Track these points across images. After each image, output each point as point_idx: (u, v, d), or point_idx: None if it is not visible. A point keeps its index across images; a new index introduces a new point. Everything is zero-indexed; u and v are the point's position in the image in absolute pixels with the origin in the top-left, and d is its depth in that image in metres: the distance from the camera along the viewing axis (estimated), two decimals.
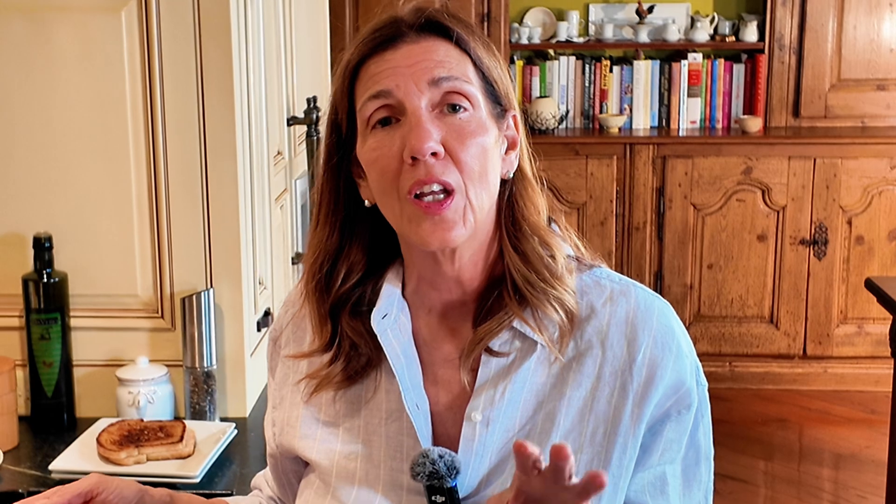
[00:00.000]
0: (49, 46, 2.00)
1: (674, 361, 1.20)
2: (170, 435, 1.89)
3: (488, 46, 1.22)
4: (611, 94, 4.86)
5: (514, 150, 1.23)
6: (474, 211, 1.16)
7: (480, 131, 1.16)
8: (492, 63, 1.21)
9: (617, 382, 1.18)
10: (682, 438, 1.21)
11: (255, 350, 2.17)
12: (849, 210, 4.63)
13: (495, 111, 1.20)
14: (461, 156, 1.15)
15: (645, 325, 1.20)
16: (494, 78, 1.21)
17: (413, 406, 1.20)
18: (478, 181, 1.16)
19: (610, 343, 1.19)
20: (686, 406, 1.21)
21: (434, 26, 1.19)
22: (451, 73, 1.16)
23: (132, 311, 2.07)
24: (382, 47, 1.17)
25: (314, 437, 1.26)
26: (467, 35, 1.19)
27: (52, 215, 2.03)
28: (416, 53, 1.17)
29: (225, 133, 2.01)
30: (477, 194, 1.16)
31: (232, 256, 2.05)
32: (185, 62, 1.99)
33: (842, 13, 4.68)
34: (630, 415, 1.18)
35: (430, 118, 1.15)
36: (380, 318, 1.22)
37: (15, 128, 2.02)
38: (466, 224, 1.16)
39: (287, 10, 2.50)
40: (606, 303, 1.21)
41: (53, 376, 2.02)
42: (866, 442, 4.30)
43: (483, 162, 1.16)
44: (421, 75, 1.15)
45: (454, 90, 1.16)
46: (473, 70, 1.18)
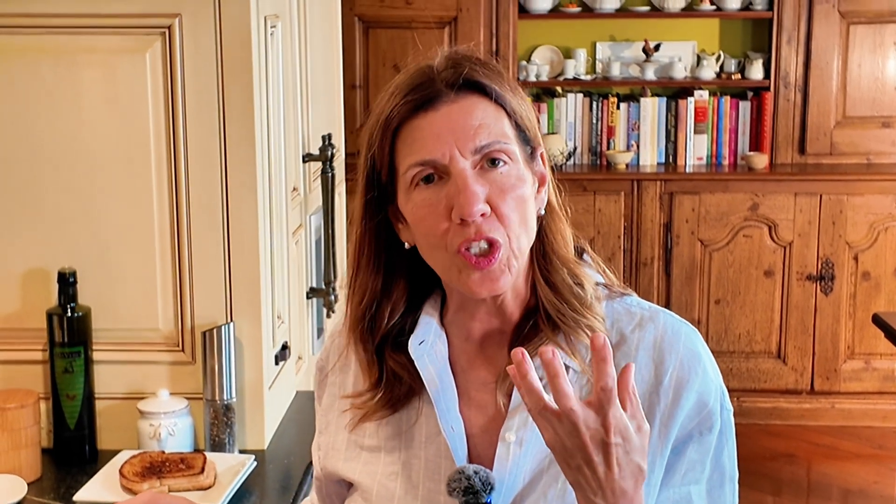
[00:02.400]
0: (76, 87, 2.05)
1: (699, 383, 1.24)
2: (191, 466, 1.92)
3: (516, 89, 1.26)
4: (618, 130, 4.91)
5: (544, 187, 1.28)
6: (517, 257, 1.22)
7: (520, 183, 1.21)
8: (522, 108, 1.25)
9: (645, 405, 1.21)
10: (706, 459, 1.24)
11: (273, 383, 2.20)
12: (855, 246, 4.67)
13: (527, 154, 1.24)
14: (504, 210, 1.20)
15: (672, 349, 1.25)
16: (525, 123, 1.25)
17: (448, 428, 1.25)
18: (520, 230, 1.21)
19: (638, 367, 1.23)
20: (708, 427, 1.24)
21: (471, 84, 1.22)
22: (492, 136, 1.20)
23: (154, 344, 2.11)
24: (422, 109, 1.21)
25: (358, 459, 1.32)
26: (501, 87, 1.23)
27: (76, 251, 2.08)
28: (456, 116, 1.20)
29: (246, 170, 2.06)
30: (519, 242, 1.22)
31: (252, 291, 2.09)
32: (207, 101, 2.03)
33: (846, 51, 4.74)
34: (658, 435, 1.22)
35: (474, 179, 1.19)
36: (417, 343, 1.28)
37: (41, 166, 2.07)
38: (512, 271, 1.22)
39: (303, 48, 2.55)
40: (636, 329, 1.26)
41: (76, 409, 2.05)
42: (874, 477, 4.31)
43: (523, 211, 1.22)
44: (464, 141, 1.19)
45: (496, 150, 1.20)
46: (508, 123, 1.23)
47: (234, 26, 2.01)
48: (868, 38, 4.73)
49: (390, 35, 4.77)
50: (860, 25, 4.73)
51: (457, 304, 1.30)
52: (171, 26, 2.02)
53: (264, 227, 2.12)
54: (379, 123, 1.23)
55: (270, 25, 2.18)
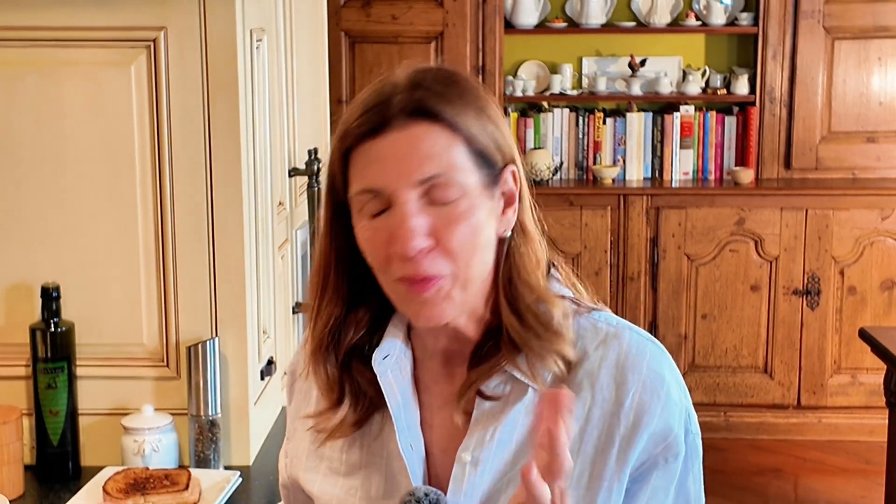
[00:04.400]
0: (60, 100, 2.04)
1: (662, 408, 1.20)
2: (175, 483, 1.91)
3: (481, 111, 1.19)
4: (604, 145, 4.92)
5: (512, 207, 1.21)
6: (463, 288, 1.18)
7: (470, 213, 1.16)
8: (485, 129, 1.18)
9: (604, 426, 1.19)
10: (670, 487, 1.21)
11: (258, 398, 2.19)
12: (841, 260, 4.68)
13: (489, 179, 1.18)
14: (450, 245, 1.15)
15: (634, 369, 1.20)
16: (489, 147, 1.18)
17: (407, 446, 1.22)
18: (468, 260, 1.17)
19: (599, 386, 1.20)
20: (674, 455, 1.21)
21: (423, 111, 1.16)
22: (438, 168, 1.15)
23: (138, 359, 2.10)
24: (373, 133, 1.16)
25: (317, 470, 1.30)
26: (459, 113, 1.17)
27: (59, 265, 2.06)
28: (403, 145, 1.15)
29: (231, 184, 2.05)
30: (466, 274, 1.17)
31: (237, 306, 2.08)
32: (192, 115, 2.02)
33: (831, 67, 4.76)
34: (616, 459, 1.18)
35: (417, 211, 1.15)
36: (381, 358, 1.25)
37: (25, 179, 2.05)
38: (454, 302, 1.17)
39: (289, 62, 2.54)
40: (599, 346, 1.22)
41: (59, 425, 2.03)
42: (862, 492, 4.31)
43: (474, 241, 1.16)
44: (408, 174, 1.15)
45: (441, 183, 1.15)
46: (464, 149, 1.16)
47: (220, 40, 2.01)
48: (853, 53, 4.75)
49: (376, 50, 4.77)
50: (845, 41, 4.75)
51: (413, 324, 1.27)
52: (156, 39, 2.01)
53: (250, 242, 2.11)
54: (336, 141, 1.20)
55: (256, 39, 2.18)
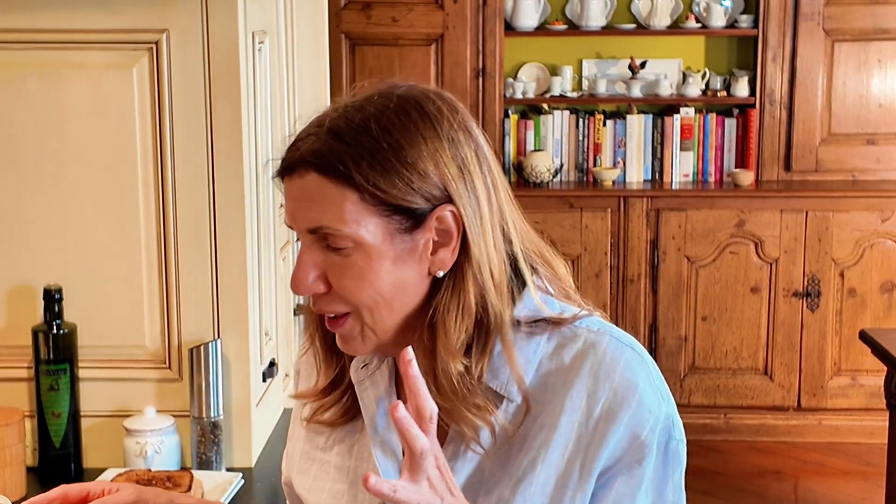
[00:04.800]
0: (62, 102, 2.04)
1: (630, 415, 1.18)
2: (178, 485, 1.91)
3: (396, 161, 1.14)
4: (604, 147, 4.92)
5: (448, 247, 1.17)
6: (374, 329, 1.18)
7: (362, 264, 1.15)
8: (398, 180, 1.14)
9: (573, 434, 1.19)
10: (636, 493, 1.20)
11: (260, 400, 2.19)
12: (841, 263, 4.68)
13: (404, 225, 1.16)
14: (343, 293, 1.16)
15: (607, 377, 1.19)
16: (401, 196, 1.15)
17: (382, 456, 1.23)
18: (372, 306, 1.17)
19: (571, 395, 1.19)
20: (638, 460, 1.19)
21: (315, 163, 1.15)
22: (324, 221, 1.15)
23: (140, 361, 2.10)
24: (283, 172, 1.18)
25: (308, 472, 1.32)
26: (360, 167, 1.14)
27: (62, 267, 2.06)
28: (297, 192, 1.16)
29: (233, 186, 2.05)
30: (373, 316, 1.17)
31: (239, 307, 2.08)
32: (194, 117, 2.03)
33: (831, 69, 4.76)
34: (580, 467, 1.18)
35: (311, 255, 1.17)
36: (359, 367, 1.27)
37: (27, 182, 2.06)
38: (367, 340, 1.19)
39: (290, 65, 2.55)
40: (577, 355, 1.21)
41: (62, 427, 2.03)
42: (862, 494, 4.31)
43: (373, 291, 1.16)
44: (300, 221, 1.17)
45: (327, 234, 1.15)
46: (360, 203, 1.14)
47: (222, 42, 2.01)
48: (852, 55, 4.76)
49: (377, 52, 4.77)
50: (845, 43, 4.75)
51: None
52: (158, 42, 2.02)
53: (252, 244, 2.11)
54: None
55: (258, 41, 2.18)
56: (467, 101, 4.74)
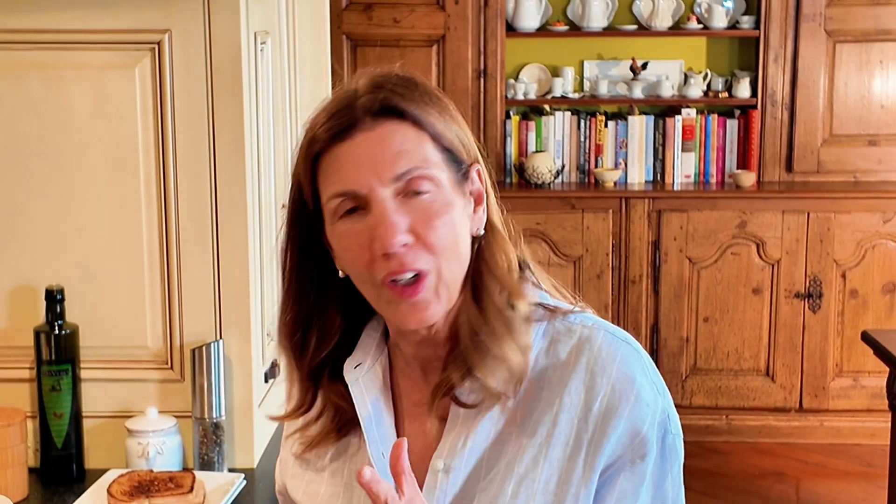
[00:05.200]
0: (64, 103, 2.03)
1: (630, 410, 1.18)
2: (180, 485, 1.90)
3: (444, 110, 1.20)
4: (606, 148, 4.92)
5: (481, 205, 1.22)
6: (448, 286, 1.18)
7: (446, 208, 1.17)
8: (450, 129, 1.20)
9: (573, 431, 1.18)
10: (639, 489, 1.20)
11: (262, 401, 2.19)
12: (843, 264, 4.68)
13: (458, 176, 1.19)
14: (430, 239, 1.15)
15: (604, 372, 1.19)
16: (455, 144, 1.20)
17: (378, 454, 1.22)
18: (450, 256, 1.17)
19: (569, 390, 1.19)
20: (641, 456, 1.19)
21: (389, 109, 1.17)
22: (411, 163, 1.15)
23: (142, 362, 2.09)
24: (341, 137, 1.16)
25: (302, 477, 1.31)
26: (423, 110, 1.18)
27: (64, 268, 2.06)
28: (374, 144, 1.16)
29: (236, 187, 2.04)
30: (449, 269, 1.17)
31: (241, 308, 2.08)
32: (197, 117, 2.02)
33: (833, 70, 4.76)
34: (583, 464, 1.18)
35: (395, 209, 1.15)
36: (352, 367, 1.25)
37: (29, 182, 2.05)
38: (441, 300, 1.18)
39: (292, 65, 2.54)
40: (572, 350, 1.21)
41: (63, 428, 2.03)
42: (864, 495, 4.31)
43: (453, 237, 1.17)
44: (383, 171, 1.15)
45: (416, 177, 1.16)
46: (432, 146, 1.17)
47: (224, 42, 2.01)
48: (854, 56, 4.76)
49: (378, 53, 4.77)
50: (846, 44, 4.75)
51: (393, 330, 1.26)
52: (160, 42, 2.01)
53: (254, 244, 2.11)
54: (302, 150, 1.20)
55: (260, 41, 2.18)
56: (469, 101, 4.74)
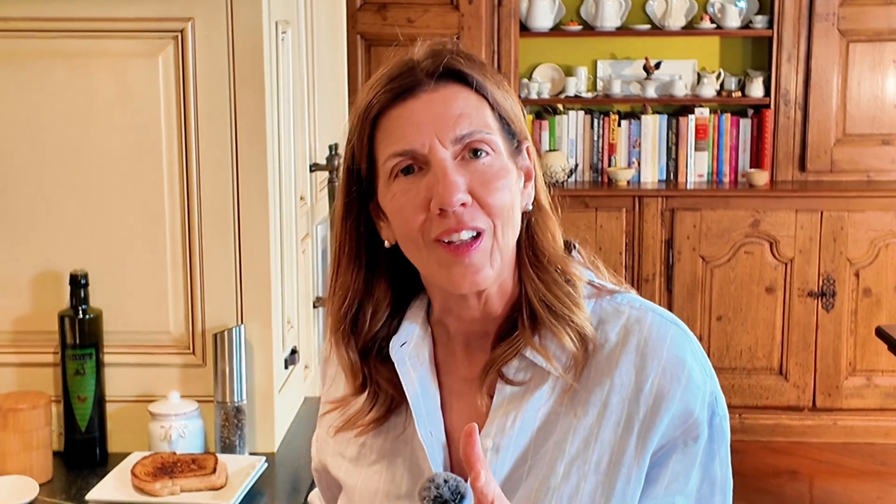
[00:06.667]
0: (89, 90, 2.06)
1: (682, 392, 1.19)
2: (202, 467, 1.92)
3: (501, 83, 1.22)
4: (619, 147, 4.94)
5: (531, 182, 1.24)
6: (501, 251, 1.18)
7: (503, 173, 1.18)
8: (506, 101, 1.22)
9: (624, 412, 1.18)
10: (691, 471, 1.20)
11: (283, 387, 2.21)
12: (856, 262, 4.68)
13: (512, 148, 1.21)
14: (488, 200, 1.17)
15: (655, 353, 1.19)
16: (510, 116, 1.22)
17: (427, 433, 1.22)
18: (506, 220, 1.18)
19: (619, 371, 1.19)
20: (694, 437, 1.20)
21: (452, 73, 1.19)
22: (473, 126, 1.17)
23: (164, 347, 2.12)
24: (402, 97, 1.18)
25: (343, 455, 1.31)
26: (483, 78, 1.20)
27: (88, 254, 2.08)
28: (437, 105, 1.17)
29: (257, 173, 2.07)
30: (504, 233, 1.18)
31: (262, 294, 2.10)
32: (219, 104, 2.05)
33: (846, 70, 4.77)
34: (635, 445, 1.18)
35: (455, 168, 1.16)
36: (398, 345, 1.25)
37: (54, 169, 2.08)
38: (494, 265, 1.18)
39: (310, 57, 2.57)
40: (621, 330, 1.21)
41: (87, 411, 2.05)
42: (878, 493, 4.31)
43: (510, 201, 1.18)
44: (444, 131, 1.16)
45: (477, 140, 1.17)
46: (491, 114, 1.19)
47: (246, 30, 2.03)
48: (867, 56, 4.76)
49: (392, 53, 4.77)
50: (860, 44, 4.76)
51: (440, 303, 1.26)
52: (183, 30, 2.04)
53: (275, 230, 2.13)
54: (358, 113, 1.20)
55: (281, 31, 2.20)
56: None
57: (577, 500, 1.17)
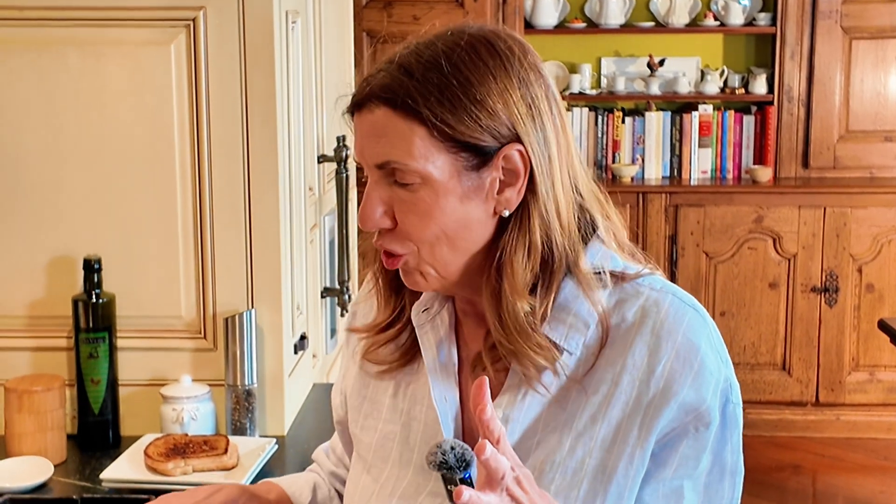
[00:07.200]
0: (102, 78, 2.09)
1: (693, 377, 1.18)
2: (214, 448, 1.95)
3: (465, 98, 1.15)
4: (623, 144, 4.97)
5: (515, 186, 1.18)
6: (436, 266, 1.19)
7: (432, 200, 1.16)
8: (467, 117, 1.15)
9: (634, 392, 1.19)
10: (701, 455, 1.20)
11: (292, 371, 2.24)
12: (859, 258, 4.71)
13: (471, 164, 1.16)
14: (407, 229, 1.18)
15: (669, 337, 1.19)
16: (468, 133, 1.15)
17: (441, 398, 1.24)
18: (433, 244, 1.18)
19: (632, 352, 1.19)
20: (705, 424, 1.19)
21: (381, 97, 1.16)
22: (390, 156, 1.16)
23: (176, 331, 2.15)
24: (353, 108, 1.19)
25: (359, 409, 1.34)
26: (430, 101, 1.14)
27: (101, 239, 2.11)
28: (365, 127, 1.18)
29: (268, 160, 2.10)
30: (433, 254, 1.18)
31: (272, 279, 2.13)
32: (230, 92, 2.08)
33: (849, 66, 4.80)
34: (639, 425, 1.18)
35: (376, 193, 1.18)
36: (420, 311, 1.28)
37: (68, 156, 2.11)
38: (428, 278, 1.20)
39: (318, 48, 2.59)
40: (638, 311, 1.21)
41: (100, 394, 2.08)
42: (881, 487, 4.33)
43: (438, 228, 1.17)
44: (368, 156, 1.18)
45: (395, 170, 1.16)
46: (429, 138, 1.15)
47: (257, 19, 2.06)
48: (870, 53, 4.79)
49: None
50: (862, 41, 4.79)
51: None
52: (195, 19, 2.07)
53: (285, 216, 2.16)
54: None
55: (291, 21, 2.23)
56: None
57: (581, 475, 1.18)
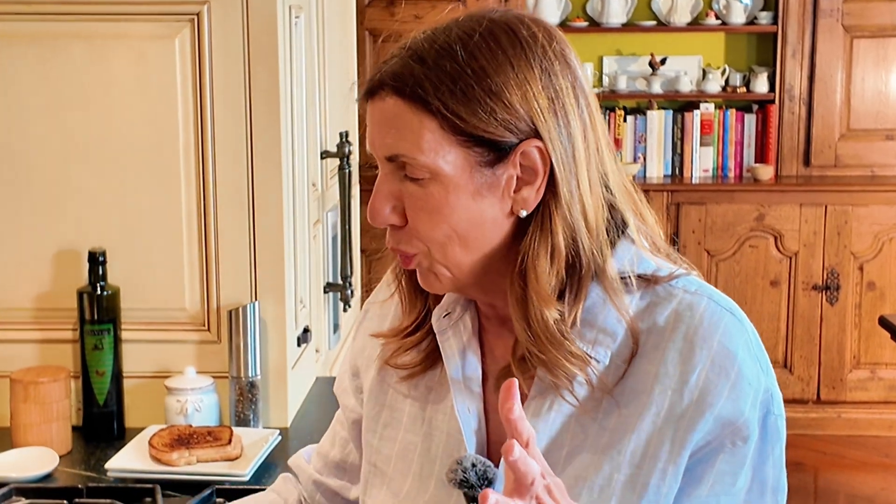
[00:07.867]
0: (107, 72, 2.11)
1: (730, 388, 1.10)
2: (218, 438, 1.97)
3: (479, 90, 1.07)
4: (625, 142, 4.98)
5: (532, 185, 1.10)
6: (449, 266, 1.13)
7: (442, 196, 1.09)
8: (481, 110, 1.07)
9: (666, 403, 1.10)
10: (739, 471, 1.12)
11: (295, 364, 2.25)
12: (860, 256, 4.72)
13: (485, 158, 1.09)
14: (415, 226, 1.11)
15: (704, 343, 1.10)
16: (483, 127, 1.08)
17: (464, 410, 1.17)
18: (444, 243, 1.11)
19: (664, 361, 1.11)
20: (743, 438, 1.11)
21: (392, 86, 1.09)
22: (399, 150, 1.09)
23: (180, 323, 2.16)
24: (365, 96, 1.12)
25: (377, 418, 1.26)
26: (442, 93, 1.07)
27: (106, 232, 2.13)
28: (377, 117, 1.11)
29: (271, 154, 2.11)
30: (445, 253, 1.12)
31: (276, 272, 2.14)
32: (234, 86, 2.09)
33: (850, 65, 4.81)
34: (672, 440, 1.10)
35: (385, 187, 1.12)
36: (441, 315, 1.20)
37: (73, 149, 2.12)
38: (442, 278, 1.14)
39: (321, 43, 2.61)
40: (671, 315, 1.12)
41: (105, 385, 2.09)
42: (882, 485, 4.34)
43: (448, 226, 1.10)
44: (378, 148, 1.12)
45: (404, 164, 1.10)
46: (440, 132, 1.08)
47: (261, 13, 2.08)
48: (871, 51, 4.81)
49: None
50: (864, 39, 4.80)
51: None
52: (199, 13, 2.08)
53: (288, 209, 2.18)
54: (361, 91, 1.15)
55: (294, 16, 2.25)
56: None
57: (609, 491, 1.10)
